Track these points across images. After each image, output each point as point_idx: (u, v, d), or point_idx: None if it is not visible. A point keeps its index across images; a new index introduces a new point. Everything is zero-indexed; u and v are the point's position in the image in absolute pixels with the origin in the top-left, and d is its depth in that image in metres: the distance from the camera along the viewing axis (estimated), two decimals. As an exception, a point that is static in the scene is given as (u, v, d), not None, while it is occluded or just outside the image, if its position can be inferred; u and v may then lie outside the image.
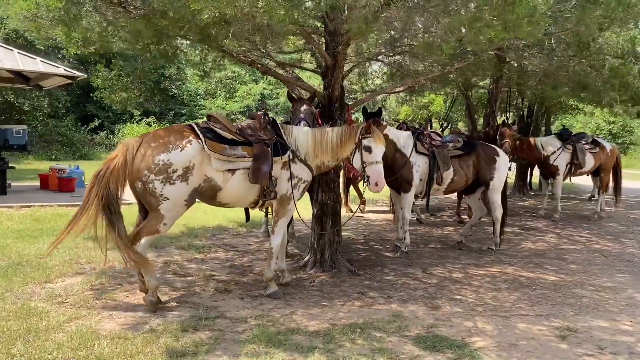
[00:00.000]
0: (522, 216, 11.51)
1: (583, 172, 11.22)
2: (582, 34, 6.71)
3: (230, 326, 4.31)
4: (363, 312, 4.79)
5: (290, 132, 5.16)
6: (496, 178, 7.28)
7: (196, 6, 3.32)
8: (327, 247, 6.20)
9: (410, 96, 13.88)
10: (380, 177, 5.16)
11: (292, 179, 5.02)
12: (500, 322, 4.68)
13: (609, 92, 7.86)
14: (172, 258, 6.55)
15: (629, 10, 6.23)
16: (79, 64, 28.50)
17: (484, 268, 6.66)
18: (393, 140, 6.87)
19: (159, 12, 4.33)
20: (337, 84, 6.00)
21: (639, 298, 5.63)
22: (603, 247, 8.35)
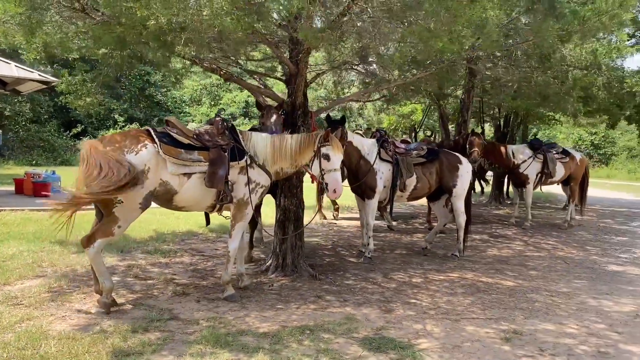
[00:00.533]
0: (494, 224, 11.68)
1: (554, 182, 11.43)
2: (542, 46, 6.92)
3: (181, 327, 4.37)
4: (316, 315, 4.88)
5: (249, 138, 5.26)
6: (459, 185, 7.43)
7: (142, 12, 3.42)
8: (289, 251, 6.29)
9: (388, 105, 14.02)
10: (338, 185, 5.30)
11: (250, 183, 5.11)
12: (449, 325, 4.78)
13: (569, 103, 8.06)
14: (136, 262, 6.60)
15: (585, 23, 6.42)
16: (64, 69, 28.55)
17: (445, 273, 6.78)
18: (357, 148, 7.00)
19: (115, 18, 4.42)
20: (299, 92, 6.12)
21: (590, 303, 5.77)
22: (567, 255, 8.52)
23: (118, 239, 7.62)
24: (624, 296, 6.12)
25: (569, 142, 48.83)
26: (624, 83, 8.56)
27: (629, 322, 5.16)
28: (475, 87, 10.45)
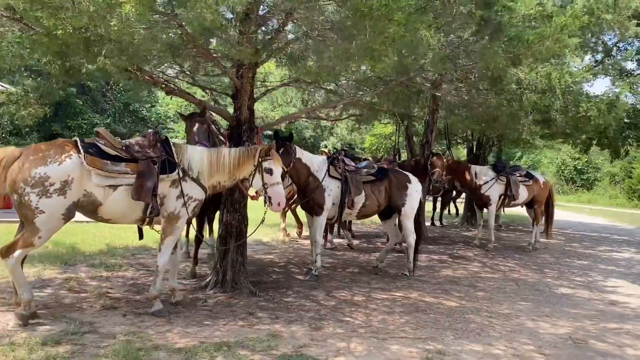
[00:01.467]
0: (458, 245, 11.69)
1: (517, 204, 11.49)
2: (492, 68, 7.02)
3: (95, 341, 4.30)
4: (241, 332, 4.82)
5: (185, 151, 5.25)
6: (407, 204, 7.43)
7: (49, 22, 3.43)
8: (230, 268, 6.22)
9: (359, 124, 14.11)
10: (281, 197, 5.35)
11: (182, 197, 5.09)
12: (374, 344, 4.74)
13: (524, 125, 8.15)
14: (76, 275, 6.51)
15: (529, 47, 6.52)
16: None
17: (389, 292, 6.75)
18: (306, 165, 7.00)
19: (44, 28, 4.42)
20: (244, 107, 6.13)
21: (527, 325, 5.75)
22: (522, 277, 8.52)
23: (65, 252, 7.59)
24: (563, 319, 6.11)
25: (552, 167, 49.34)
26: (579, 107, 8.67)
27: (558, 344, 5.15)
28: (438, 109, 10.52)
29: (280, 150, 6.49)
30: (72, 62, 5.35)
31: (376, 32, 4.32)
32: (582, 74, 8.49)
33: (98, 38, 4.15)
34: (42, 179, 4.40)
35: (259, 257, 8.69)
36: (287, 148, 6.57)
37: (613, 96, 9.03)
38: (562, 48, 6.70)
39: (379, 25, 4.24)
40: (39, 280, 6.13)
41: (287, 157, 6.53)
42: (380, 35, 4.39)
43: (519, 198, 11.05)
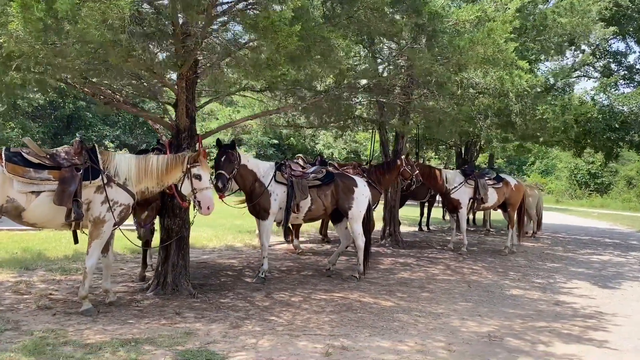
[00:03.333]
0: (432, 249, 11.77)
1: (487, 207, 11.56)
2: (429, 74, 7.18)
3: (12, 337, 4.57)
4: (158, 329, 5.04)
5: (112, 159, 5.54)
6: (354, 207, 7.61)
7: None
8: (170, 271, 6.47)
9: (343, 132, 14.31)
10: (211, 202, 5.65)
11: (107, 202, 5.36)
12: (283, 341, 4.92)
13: (472, 128, 8.27)
14: (29, 278, 6.83)
15: (461, 52, 6.68)
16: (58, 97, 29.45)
17: (330, 293, 6.91)
18: (252, 170, 7.25)
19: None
20: (182, 115, 6.39)
21: (452, 323, 5.86)
22: (480, 279, 8.59)
23: (30, 257, 7.93)
24: (495, 318, 6.21)
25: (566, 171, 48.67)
26: (536, 110, 8.73)
27: (472, 341, 5.26)
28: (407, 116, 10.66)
29: (222, 157, 6.77)
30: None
31: (276, 45, 4.53)
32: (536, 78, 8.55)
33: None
34: (-37, 186, 4.72)
35: (221, 262, 8.94)
36: (229, 156, 6.83)
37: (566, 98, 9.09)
38: (496, 53, 6.84)
39: (279, 38, 4.46)
40: (-10, 283, 6.47)
41: (229, 165, 6.79)
42: (281, 48, 4.60)
43: (488, 201, 11.12)
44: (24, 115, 28.84)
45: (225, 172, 6.74)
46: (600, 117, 11.86)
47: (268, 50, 4.38)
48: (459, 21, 7.25)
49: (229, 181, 6.89)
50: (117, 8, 3.60)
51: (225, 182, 6.73)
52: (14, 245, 8.89)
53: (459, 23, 7.22)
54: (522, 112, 8.82)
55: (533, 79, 8.71)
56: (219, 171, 6.73)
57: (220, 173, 6.72)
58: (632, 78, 14.68)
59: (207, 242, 10.85)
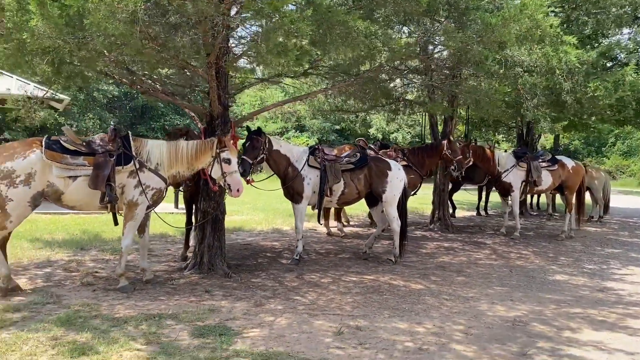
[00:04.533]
0: (483, 234, 11.49)
1: (541, 190, 11.10)
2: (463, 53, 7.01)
3: (51, 310, 5.00)
4: (185, 306, 5.32)
5: (144, 145, 5.87)
6: (388, 191, 7.58)
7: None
8: (206, 251, 6.77)
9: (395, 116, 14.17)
10: (240, 185, 5.91)
11: (140, 186, 5.69)
12: (300, 319, 5.05)
13: (502, 107, 7.95)
14: (82, 257, 7.37)
15: (494, 30, 6.47)
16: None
17: (362, 276, 6.97)
18: (286, 155, 7.41)
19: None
20: (215, 102, 6.61)
21: (479, 307, 5.76)
22: (525, 264, 8.32)
23: (86, 239, 8.53)
24: (527, 303, 6.03)
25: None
26: (587, 87, 8.21)
27: (494, 325, 5.16)
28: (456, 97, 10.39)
29: (247, 143, 6.98)
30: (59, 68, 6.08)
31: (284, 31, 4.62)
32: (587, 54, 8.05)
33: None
34: (9, 172, 5.17)
35: (263, 244, 9.20)
36: (253, 142, 7.02)
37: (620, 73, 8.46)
38: (532, 29, 6.57)
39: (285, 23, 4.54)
40: (45, 261, 7.05)
41: (253, 151, 7.00)
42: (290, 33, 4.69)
43: (542, 184, 10.66)
44: (100, 107, 30.64)
45: (248, 157, 6.95)
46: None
47: (274, 37, 4.46)
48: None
49: (252, 166, 7.08)
50: (123, 2, 3.81)
51: (247, 167, 6.92)
52: (75, 227, 9.60)
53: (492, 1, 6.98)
54: (572, 90, 8.36)
55: (584, 54, 8.23)
56: (243, 157, 6.93)
57: (243, 159, 6.91)
58: None
59: (255, 225, 11.18)
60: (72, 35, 4.49)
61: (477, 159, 10.75)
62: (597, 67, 9.26)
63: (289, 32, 4.59)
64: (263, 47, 4.71)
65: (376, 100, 9.34)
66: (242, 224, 11.30)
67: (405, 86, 10.47)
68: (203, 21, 5.34)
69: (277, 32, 4.39)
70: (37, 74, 5.67)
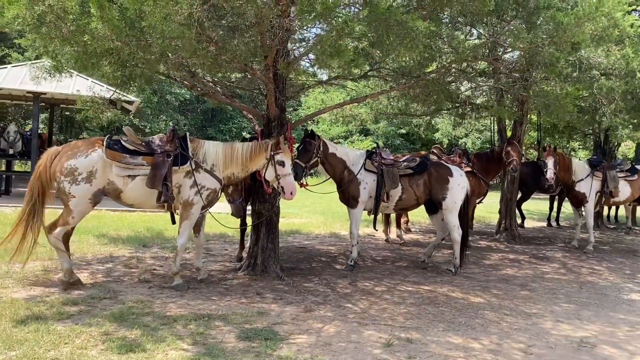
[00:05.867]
0: (553, 246, 10.86)
1: (618, 202, 10.36)
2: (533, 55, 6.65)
3: (107, 305, 5.13)
4: (235, 307, 5.31)
5: (201, 146, 5.94)
6: (449, 198, 7.28)
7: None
8: (260, 253, 6.77)
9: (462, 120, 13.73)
10: (293, 187, 5.89)
11: (196, 186, 5.76)
12: (349, 328, 4.90)
13: (574, 112, 7.41)
14: (143, 254, 7.58)
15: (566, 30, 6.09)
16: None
17: (418, 286, 6.72)
18: (342, 159, 7.29)
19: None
20: (272, 105, 6.61)
21: (542, 325, 5.38)
22: (598, 280, 7.76)
23: (149, 236, 8.79)
24: (597, 323, 5.58)
25: None
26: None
27: (558, 345, 4.80)
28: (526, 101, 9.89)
29: (300, 147, 6.93)
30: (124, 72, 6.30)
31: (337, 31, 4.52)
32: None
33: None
34: (72, 169, 5.38)
35: (319, 248, 9.12)
36: (306, 145, 6.95)
37: None
38: (608, 29, 6.13)
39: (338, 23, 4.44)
40: (108, 257, 7.30)
41: (306, 154, 6.93)
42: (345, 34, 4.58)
43: (619, 195, 9.93)
44: (173, 109, 31.77)
45: (301, 161, 6.87)
46: None
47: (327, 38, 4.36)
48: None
49: (305, 170, 6.99)
50: (177, 5, 3.84)
51: (299, 171, 6.84)
52: (141, 224, 9.92)
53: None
54: (655, 94, 7.73)
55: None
56: (295, 160, 6.86)
57: (296, 162, 6.84)
58: None
59: (313, 229, 11.13)
60: (132, 37, 4.59)
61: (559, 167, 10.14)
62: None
63: (342, 33, 4.47)
64: (318, 48, 4.62)
65: (440, 104, 9.04)
66: (300, 226, 11.28)
67: (473, 89, 10.07)
68: (260, 23, 5.33)
69: (330, 32, 4.29)
70: (103, 75, 5.87)
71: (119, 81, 6.31)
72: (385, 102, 11.66)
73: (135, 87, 6.97)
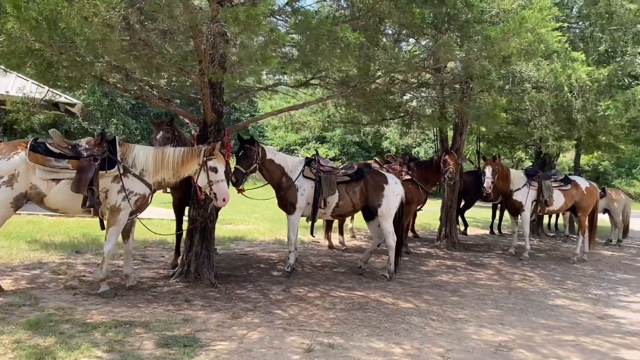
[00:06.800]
0: (491, 253, 11.17)
1: (552, 211, 10.77)
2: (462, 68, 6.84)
3: (26, 312, 4.97)
4: (160, 314, 5.23)
5: (131, 150, 5.84)
6: (384, 205, 7.41)
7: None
8: (194, 260, 6.70)
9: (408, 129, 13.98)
10: (227, 194, 5.83)
11: (123, 191, 5.66)
12: (273, 334, 4.91)
13: (503, 123, 7.72)
14: (74, 260, 7.39)
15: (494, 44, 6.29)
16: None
17: (352, 291, 6.79)
18: (280, 165, 7.31)
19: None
20: (208, 109, 6.57)
21: (465, 330, 5.53)
22: (528, 286, 8.03)
23: (85, 242, 8.57)
24: (518, 327, 5.77)
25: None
26: (598, 106, 7.90)
27: (476, 349, 4.94)
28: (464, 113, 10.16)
29: (240, 152, 6.91)
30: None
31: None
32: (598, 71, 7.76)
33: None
34: (-8, 172, 5.20)
35: (261, 254, 9.10)
36: (247, 151, 6.92)
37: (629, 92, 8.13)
38: (534, 44, 6.37)
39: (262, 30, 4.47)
40: (36, 263, 7.08)
41: (247, 160, 6.90)
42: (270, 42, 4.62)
43: (553, 204, 10.32)
44: (124, 113, 31.07)
45: (242, 167, 6.85)
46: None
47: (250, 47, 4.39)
48: (500, 10, 6.84)
49: (245, 176, 6.98)
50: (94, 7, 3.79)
51: (239, 176, 6.83)
52: (77, 230, 9.67)
53: (499, 14, 6.81)
54: (583, 108, 8.08)
55: (595, 71, 7.95)
56: (236, 166, 6.85)
57: (236, 168, 6.83)
58: None
59: (259, 235, 11.10)
60: (55, 39, 4.49)
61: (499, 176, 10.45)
62: (613, 85, 8.93)
63: (269, 41, 4.51)
64: (244, 55, 4.64)
65: (382, 113, 9.20)
66: (245, 233, 11.23)
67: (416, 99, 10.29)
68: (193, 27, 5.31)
69: (253, 40, 4.32)
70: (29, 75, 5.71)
71: (50, 83, 6.16)
72: (332, 110, 11.80)
73: (83, 89, 6.83)
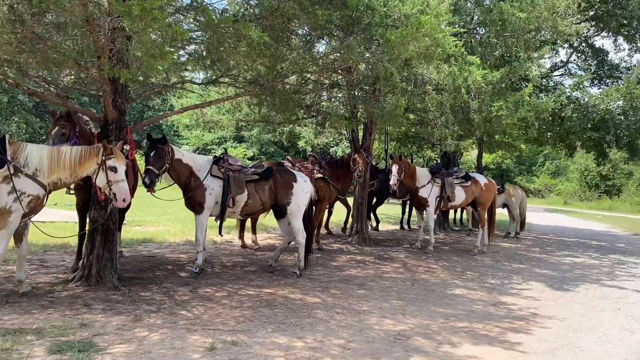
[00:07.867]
0: (399, 247, 11.62)
1: (455, 206, 11.38)
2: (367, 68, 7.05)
3: None
4: (54, 320, 5.00)
5: (24, 149, 5.53)
6: (293, 203, 7.51)
7: None
8: (95, 262, 6.45)
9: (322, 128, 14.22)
10: (127, 194, 5.62)
11: (15, 192, 5.35)
12: (175, 335, 4.85)
13: (404, 123, 8.13)
14: None
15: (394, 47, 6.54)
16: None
17: (260, 289, 6.83)
18: (188, 164, 7.20)
19: None
20: (108, 107, 6.35)
21: (368, 321, 5.74)
22: (430, 278, 8.43)
23: None
24: (417, 317, 6.06)
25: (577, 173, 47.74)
26: (492, 107, 8.52)
27: (376, 339, 5.14)
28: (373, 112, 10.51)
29: (151, 152, 6.74)
30: None
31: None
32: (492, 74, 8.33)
33: None
34: None
35: (169, 256, 8.91)
36: (159, 151, 6.78)
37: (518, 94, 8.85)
38: (431, 48, 6.69)
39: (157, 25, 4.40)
40: None
41: (159, 160, 6.75)
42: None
43: (455, 200, 10.92)
44: (27, 111, 29.13)
45: (154, 167, 6.70)
46: (574, 116, 11.54)
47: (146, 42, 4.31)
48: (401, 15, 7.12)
49: (158, 177, 6.84)
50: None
51: (153, 177, 6.68)
52: None
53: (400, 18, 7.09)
54: (479, 109, 8.62)
55: (489, 74, 8.50)
56: (148, 167, 6.69)
57: (149, 169, 6.67)
58: (619, 77, 14.26)
59: (169, 237, 10.85)
60: None
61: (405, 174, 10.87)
62: (507, 87, 9.59)
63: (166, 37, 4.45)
64: (141, 49, 4.54)
65: (293, 112, 9.30)
66: (155, 235, 10.94)
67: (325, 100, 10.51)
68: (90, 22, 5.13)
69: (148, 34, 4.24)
70: None
71: None
72: (247, 109, 11.77)
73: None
